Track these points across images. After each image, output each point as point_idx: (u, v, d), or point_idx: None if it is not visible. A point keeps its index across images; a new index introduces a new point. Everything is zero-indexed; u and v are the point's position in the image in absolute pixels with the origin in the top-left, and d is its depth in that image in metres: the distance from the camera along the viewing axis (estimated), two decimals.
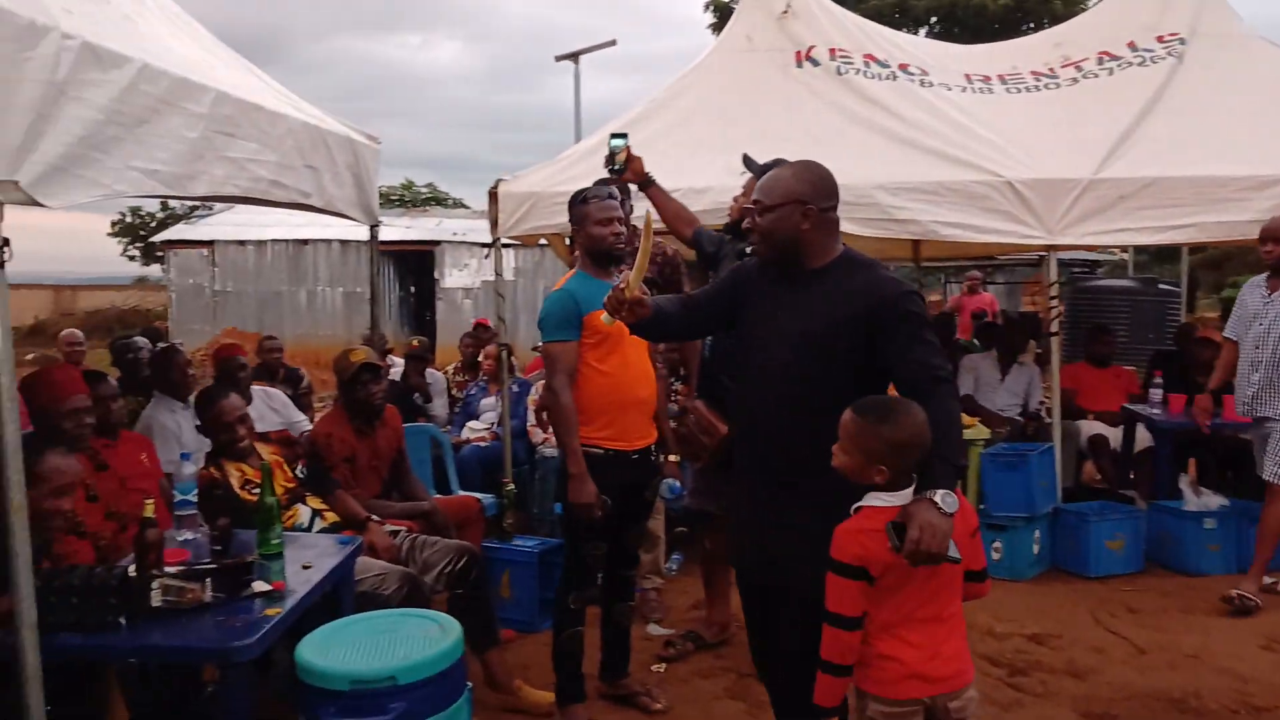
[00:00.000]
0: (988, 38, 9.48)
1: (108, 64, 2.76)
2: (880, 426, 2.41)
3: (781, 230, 2.72)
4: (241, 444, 4.03)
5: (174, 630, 2.74)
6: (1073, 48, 7.00)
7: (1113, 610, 5.04)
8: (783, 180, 2.76)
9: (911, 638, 2.43)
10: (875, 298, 2.64)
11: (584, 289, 3.71)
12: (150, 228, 32.58)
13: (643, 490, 3.93)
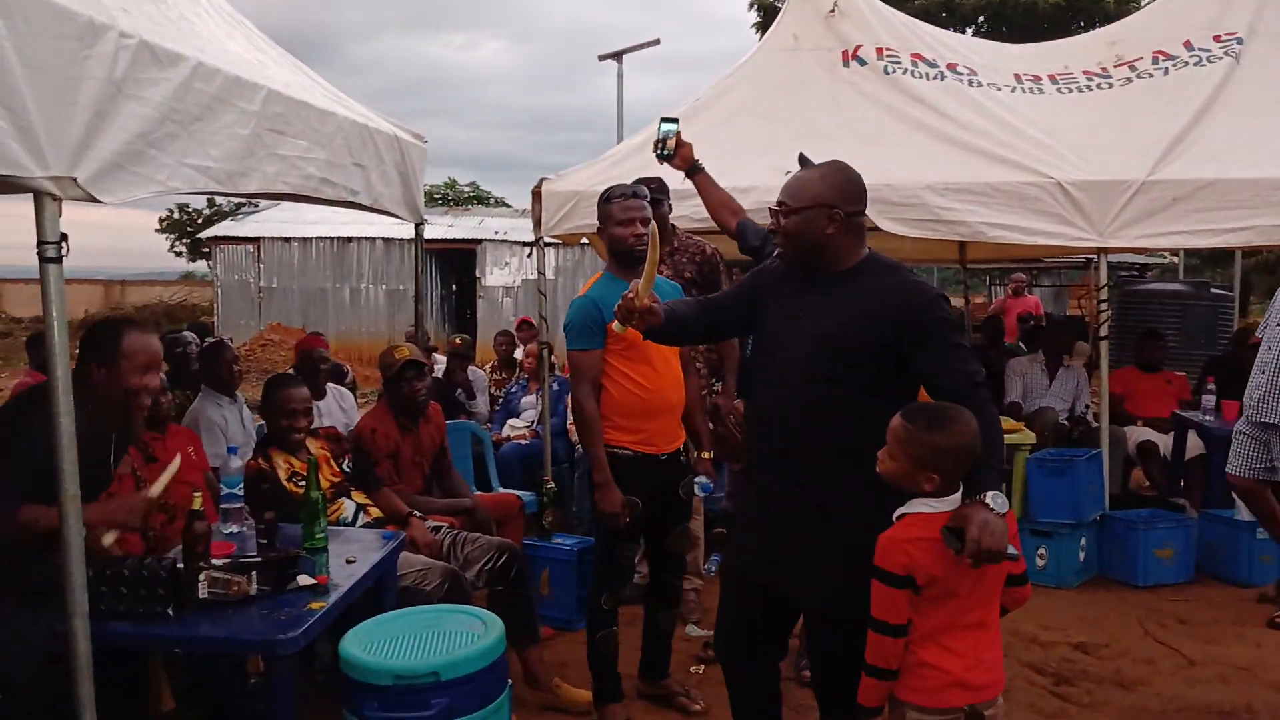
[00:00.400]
0: (1037, 37, 9.33)
1: (164, 62, 2.79)
2: (930, 433, 2.38)
3: (807, 233, 2.69)
4: (297, 435, 4.09)
5: (220, 622, 2.77)
6: (1127, 47, 6.86)
7: (1162, 620, 4.95)
8: (810, 183, 2.73)
9: (955, 645, 2.40)
10: (904, 303, 2.61)
11: (608, 293, 3.62)
12: (197, 224, 33.08)
13: (674, 490, 3.92)
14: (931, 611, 2.39)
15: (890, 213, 5.56)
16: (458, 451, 5.58)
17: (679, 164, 4.22)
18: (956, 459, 2.38)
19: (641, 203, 3.78)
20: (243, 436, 4.92)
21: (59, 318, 2.47)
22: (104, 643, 2.59)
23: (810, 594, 2.73)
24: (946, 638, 2.40)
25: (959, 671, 2.40)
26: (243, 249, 20.53)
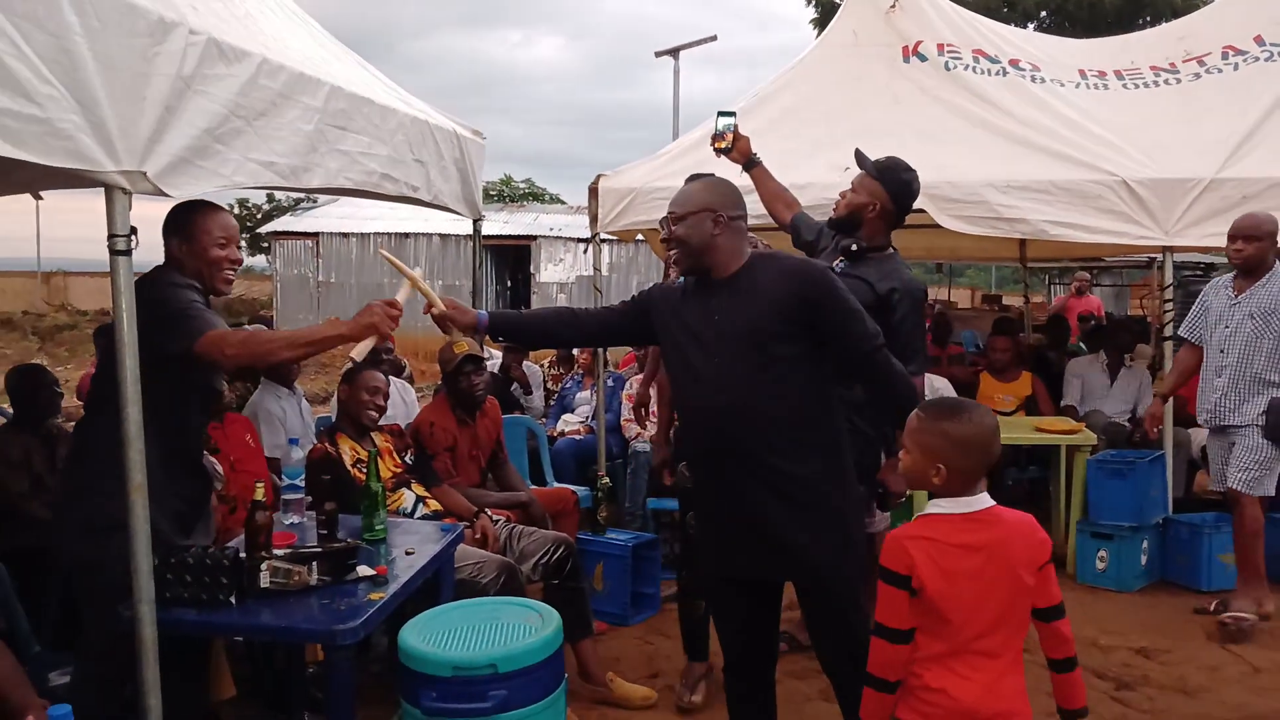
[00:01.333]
0: (1100, 33, 9.16)
1: (231, 59, 2.83)
2: (939, 421, 2.29)
3: (694, 236, 2.89)
4: (373, 411, 4.19)
5: (281, 611, 2.81)
6: (1196, 42, 6.71)
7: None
8: (694, 191, 2.98)
9: (963, 670, 2.22)
10: (800, 280, 2.82)
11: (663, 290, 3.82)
12: (256, 219, 33.57)
13: None
14: (940, 630, 2.23)
15: (950, 210, 5.50)
16: (513, 446, 5.61)
17: (736, 157, 4.23)
18: (965, 450, 2.25)
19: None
20: (301, 428, 4.98)
21: (128, 309, 2.51)
22: (169, 630, 2.64)
23: (796, 567, 2.88)
24: (954, 661, 2.23)
25: (967, 699, 2.20)
26: (302, 244, 20.84)
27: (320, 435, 4.30)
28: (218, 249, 3.02)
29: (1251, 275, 4.76)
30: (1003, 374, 7.06)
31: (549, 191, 35.87)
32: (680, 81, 14.07)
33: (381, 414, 4.26)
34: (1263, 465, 4.69)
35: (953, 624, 2.21)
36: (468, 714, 2.57)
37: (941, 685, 2.22)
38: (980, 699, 2.20)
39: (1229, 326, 4.80)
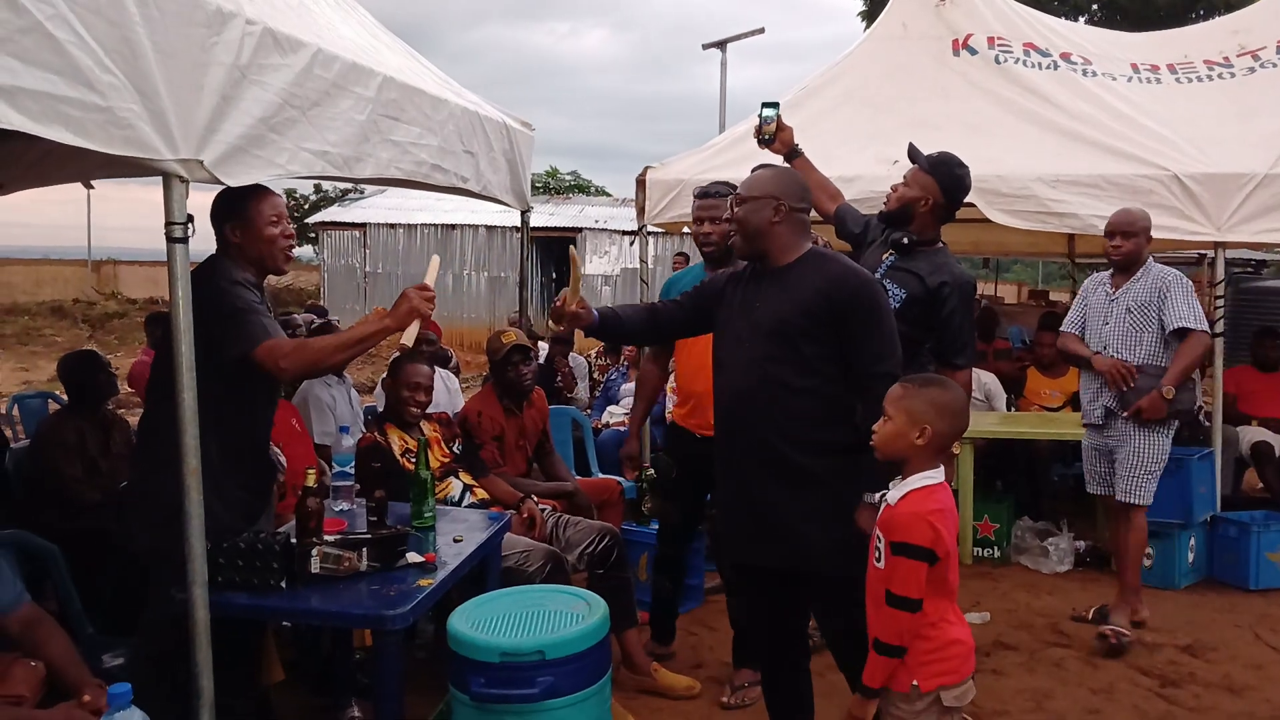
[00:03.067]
0: (1152, 27, 9.01)
1: (286, 49, 2.86)
2: (926, 389, 2.52)
3: (753, 220, 2.96)
4: (414, 408, 4.21)
5: (331, 596, 2.84)
6: (1250, 36, 6.59)
7: (1273, 625, 4.82)
8: (762, 178, 3.05)
9: (955, 617, 2.51)
10: (841, 284, 2.87)
11: (686, 280, 4.04)
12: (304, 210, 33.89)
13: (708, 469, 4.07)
14: (941, 586, 2.44)
15: (999, 204, 5.45)
16: (558, 437, 5.63)
17: (778, 148, 4.23)
18: (944, 415, 2.48)
19: (714, 203, 4.01)
20: (350, 416, 5.03)
21: (184, 297, 2.54)
22: (221, 613, 2.68)
23: (800, 558, 2.91)
24: (952, 611, 2.50)
25: (967, 638, 2.51)
26: (349, 234, 21.01)
27: (369, 425, 4.34)
28: (272, 228, 3.04)
29: (1127, 271, 4.70)
30: (1049, 369, 7.02)
31: (594, 184, 35.94)
32: (727, 74, 14.04)
33: (423, 409, 4.27)
34: (1148, 471, 4.59)
35: (950, 582, 2.47)
36: (515, 699, 2.59)
37: (954, 637, 2.48)
38: (969, 634, 2.53)
39: (1108, 322, 4.71)
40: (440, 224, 20.31)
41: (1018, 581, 5.41)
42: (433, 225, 20.39)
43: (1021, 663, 4.38)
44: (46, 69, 2.12)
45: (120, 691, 1.96)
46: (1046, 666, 4.35)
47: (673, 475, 4.17)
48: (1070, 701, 3.99)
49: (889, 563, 2.43)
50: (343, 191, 27.03)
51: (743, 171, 5.79)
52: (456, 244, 20.36)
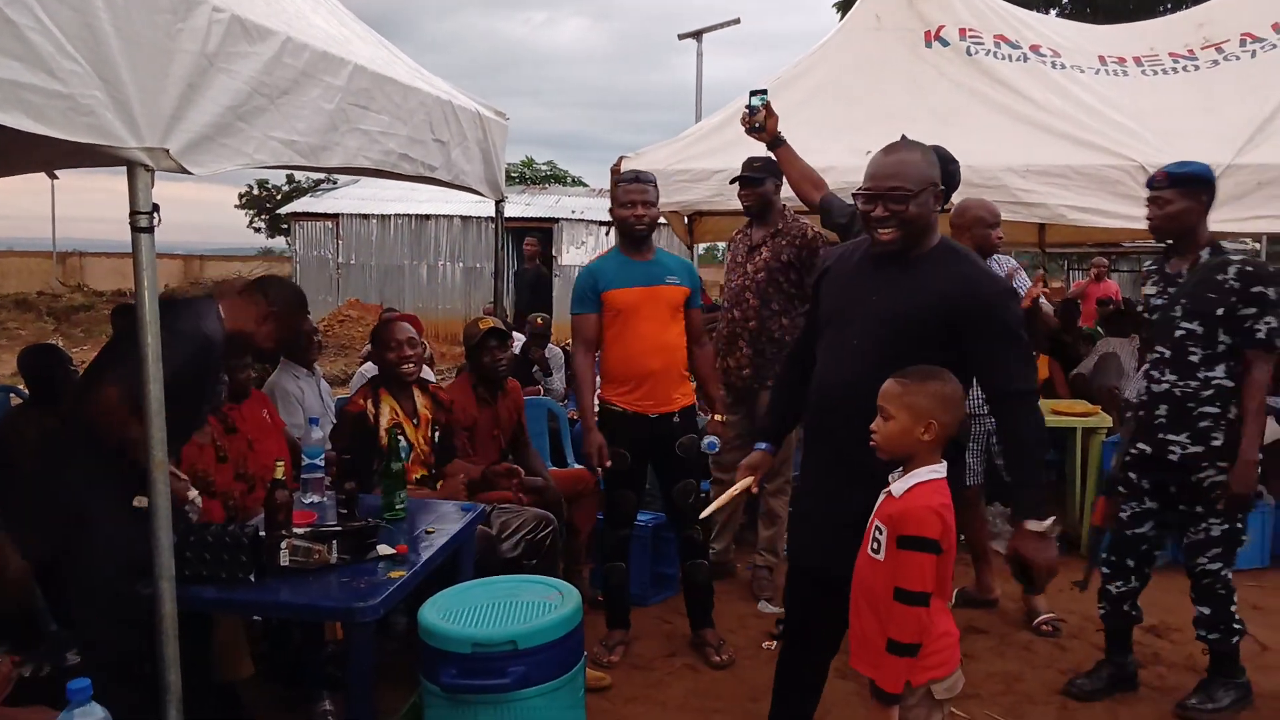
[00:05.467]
0: (1123, 19, 9.09)
1: (254, 37, 2.83)
2: (926, 383, 2.45)
3: (924, 216, 2.69)
4: (407, 366, 4.17)
5: (301, 589, 2.83)
6: (1214, 29, 6.68)
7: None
8: (917, 164, 2.71)
9: (944, 609, 2.49)
10: (977, 290, 2.65)
11: (607, 266, 4.20)
12: (276, 200, 33.65)
13: (669, 449, 4.21)
14: (940, 578, 2.43)
15: (969, 194, 5.47)
16: (533, 427, 5.61)
17: (764, 136, 4.23)
18: (947, 407, 2.45)
19: (644, 186, 4.15)
20: (320, 408, 4.99)
21: (150, 287, 2.52)
22: (189, 606, 2.66)
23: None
24: (943, 602, 2.48)
25: (954, 629, 2.51)
26: (321, 225, 20.87)
27: (363, 389, 4.28)
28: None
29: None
30: None
31: (571, 174, 35.83)
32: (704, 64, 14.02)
33: (418, 365, 4.25)
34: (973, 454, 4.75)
35: (947, 578, 2.46)
36: (487, 690, 2.59)
37: (944, 629, 2.46)
38: (954, 625, 2.52)
39: None
40: (414, 214, 20.23)
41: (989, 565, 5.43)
42: (407, 216, 20.30)
43: (991, 646, 4.44)
44: (6, 55, 2.09)
45: (79, 687, 1.93)
46: (1016, 649, 4.42)
47: (626, 465, 4.16)
48: (1039, 684, 4.05)
49: (895, 558, 2.38)
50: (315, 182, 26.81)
51: (718, 161, 5.84)
52: (431, 234, 20.27)
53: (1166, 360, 3.71)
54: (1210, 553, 3.70)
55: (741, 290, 4.91)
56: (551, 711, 2.66)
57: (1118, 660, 3.98)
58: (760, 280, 4.83)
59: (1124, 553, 3.92)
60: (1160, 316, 3.76)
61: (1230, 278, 3.58)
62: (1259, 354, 3.59)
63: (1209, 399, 3.63)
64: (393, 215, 20.36)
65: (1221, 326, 3.58)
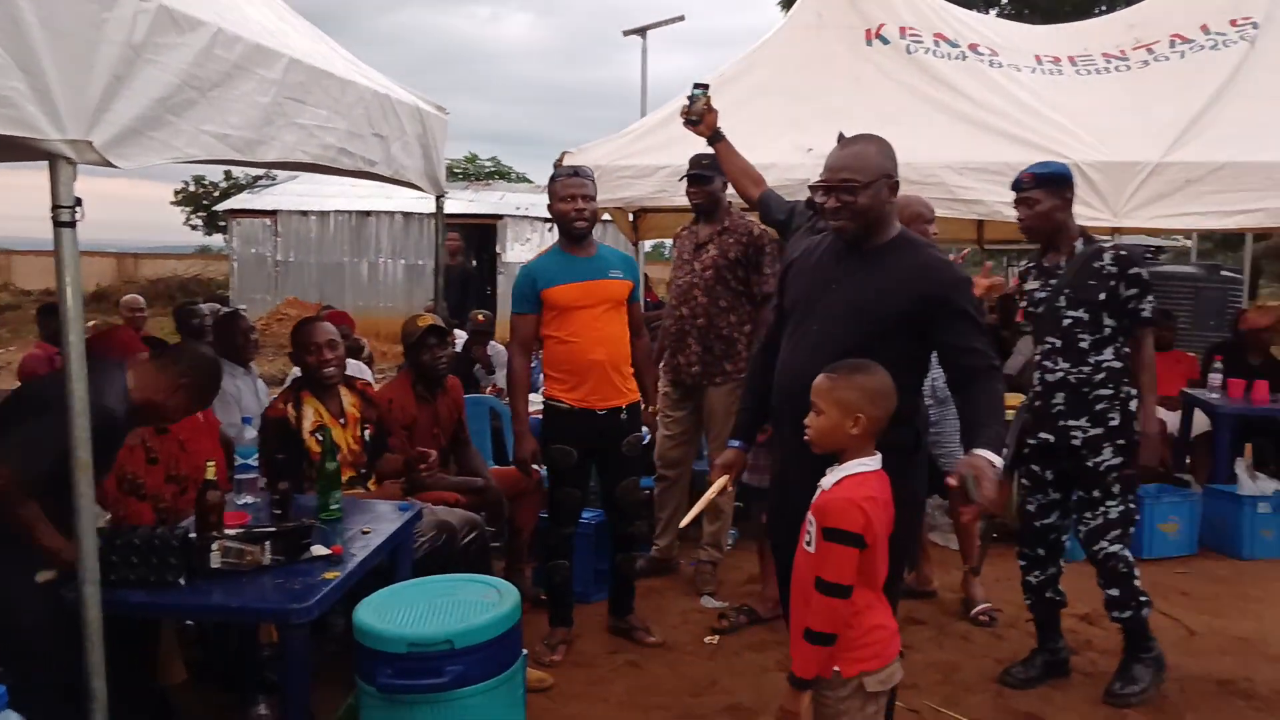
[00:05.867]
0: (1060, 20, 9.28)
1: (184, 27, 2.77)
2: (854, 377, 2.48)
3: (876, 206, 2.76)
4: (329, 369, 4.07)
5: (233, 591, 2.78)
6: (1145, 30, 6.85)
7: (1165, 593, 5.02)
8: (869, 155, 2.79)
9: (879, 603, 2.51)
10: (937, 278, 2.72)
11: (549, 266, 4.16)
12: (213, 197, 33.07)
13: (616, 446, 4.20)
14: (868, 571, 2.44)
15: (907, 191, 5.53)
16: (476, 427, 5.56)
17: (704, 130, 4.23)
18: (877, 402, 2.47)
19: (582, 181, 4.14)
20: (257, 407, 4.91)
21: (73, 284, 2.46)
22: (115, 611, 2.60)
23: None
24: (875, 595, 2.50)
25: (890, 621, 2.54)
26: (260, 222, 20.52)
27: (283, 393, 4.18)
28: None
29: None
30: None
31: (515, 170, 35.64)
32: (648, 61, 14.00)
33: (340, 366, 4.15)
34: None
35: (878, 571, 2.47)
36: (424, 690, 2.57)
37: (877, 622, 2.48)
38: (890, 617, 2.56)
39: None
40: (355, 211, 19.96)
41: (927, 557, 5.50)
42: (347, 212, 20.03)
43: (930, 637, 4.50)
44: None
45: None
46: (954, 640, 4.48)
47: (572, 462, 4.16)
48: (976, 673, 4.11)
49: (821, 549, 2.41)
50: (254, 178, 26.41)
51: (662, 157, 5.84)
52: (372, 231, 20.03)
53: (1058, 349, 3.84)
54: (1110, 535, 3.83)
55: (689, 288, 4.92)
56: (490, 710, 2.64)
57: (1050, 647, 4.05)
58: (708, 278, 4.85)
59: (1035, 544, 4.02)
60: (1045, 309, 3.88)
61: (1107, 263, 3.76)
62: (1146, 331, 3.78)
63: (1102, 382, 3.77)
64: (333, 212, 20.08)
65: (1105, 311, 3.75)
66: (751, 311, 4.90)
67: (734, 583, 5.12)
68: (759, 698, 3.84)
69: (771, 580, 4.62)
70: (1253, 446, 6.78)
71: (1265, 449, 6.84)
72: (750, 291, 4.87)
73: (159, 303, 18.90)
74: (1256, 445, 6.81)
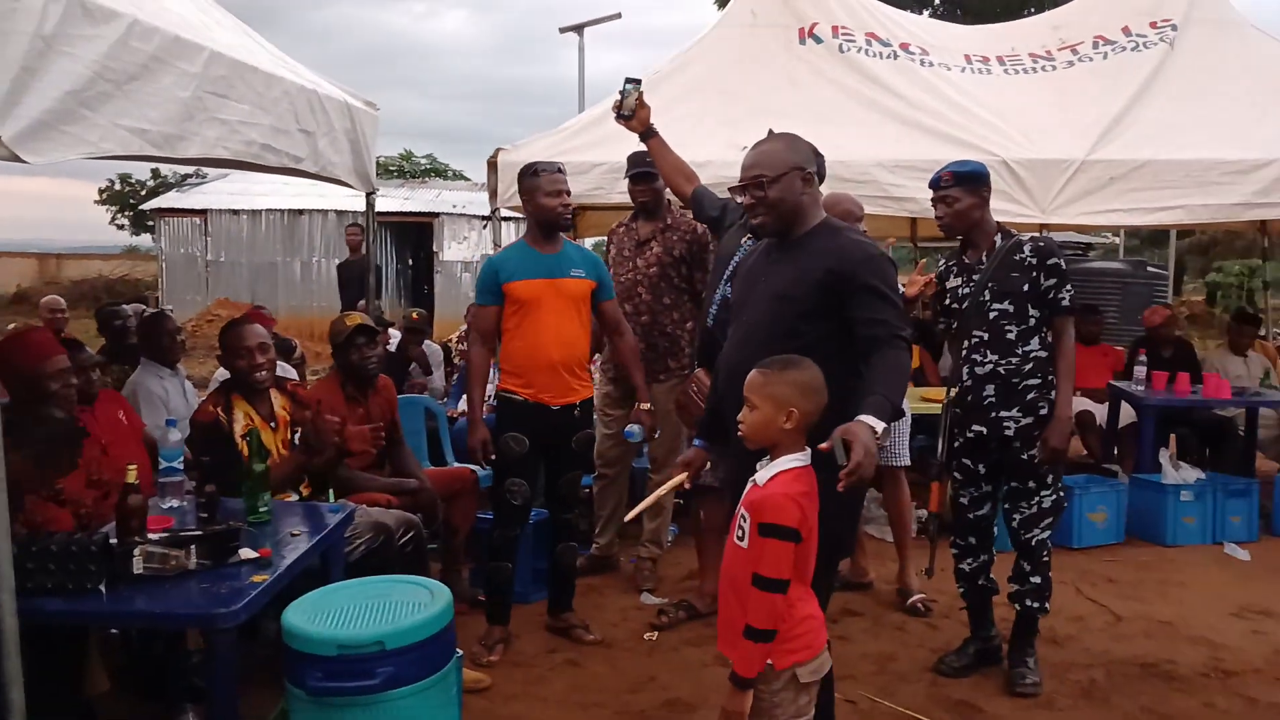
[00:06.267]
0: (991, 20, 9.45)
1: (98, 19, 2.70)
2: (785, 372, 2.50)
3: (787, 198, 2.84)
4: (260, 373, 3.95)
5: (157, 596, 2.70)
6: (1069, 31, 7.06)
7: (1093, 580, 5.21)
8: (777, 152, 2.90)
9: (808, 595, 2.53)
10: (845, 255, 2.78)
11: (512, 259, 4.16)
12: (140, 195, 32.39)
13: (566, 442, 4.22)
14: (800, 563, 2.45)
15: (842, 189, 5.58)
16: (411, 426, 5.50)
17: (636, 125, 4.24)
18: (809, 397, 2.49)
19: (564, 177, 4.16)
20: (185, 409, 4.80)
21: None
22: (32, 619, 2.52)
23: None
24: (805, 591, 2.52)
25: (819, 611, 2.58)
26: (189, 221, 20.10)
27: (213, 396, 4.05)
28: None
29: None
30: None
31: (452, 168, 35.28)
32: (586, 58, 13.98)
33: (271, 369, 4.03)
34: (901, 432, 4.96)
35: (810, 564, 2.49)
36: (354, 692, 2.52)
37: (808, 612, 2.51)
38: (818, 607, 2.58)
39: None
40: (287, 209, 19.63)
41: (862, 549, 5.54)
42: (279, 211, 19.69)
43: (866, 628, 4.55)
44: None
45: None
46: (889, 630, 4.54)
47: (524, 450, 4.14)
48: (910, 662, 4.17)
49: (756, 544, 2.41)
50: (183, 176, 25.90)
51: (599, 154, 5.84)
52: (305, 230, 19.71)
53: (986, 342, 3.91)
54: (1044, 523, 3.93)
55: (633, 285, 4.91)
56: (422, 712, 2.60)
57: (983, 636, 4.11)
58: (653, 275, 4.86)
59: (967, 534, 4.09)
60: (971, 304, 3.95)
61: (1027, 255, 3.84)
62: (1065, 320, 3.86)
63: (1030, 372, 3.85)
64: (264, 210, 19.72)
65: (1029, 301, 3.83)
66: (694, 309, 4.90)
67: (674, 579, 5.14)
68: (697, 692, 3.85)
69: (710, 575, 4.65)
70: (1176, 437, 6.99)
71: (1188, 439, 7.07)
72: (694, 289, 4.88)
73: (84, 304, 18.48)
74: (1180, 436, 7.03)
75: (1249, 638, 4.45)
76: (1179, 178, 5.58)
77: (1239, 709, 3.77)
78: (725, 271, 4.29)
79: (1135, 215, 5.82)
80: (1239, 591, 5.06)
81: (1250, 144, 5.70)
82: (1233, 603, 4.88)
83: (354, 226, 12.10)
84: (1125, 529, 5.90)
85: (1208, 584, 5.19)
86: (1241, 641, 4.40)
